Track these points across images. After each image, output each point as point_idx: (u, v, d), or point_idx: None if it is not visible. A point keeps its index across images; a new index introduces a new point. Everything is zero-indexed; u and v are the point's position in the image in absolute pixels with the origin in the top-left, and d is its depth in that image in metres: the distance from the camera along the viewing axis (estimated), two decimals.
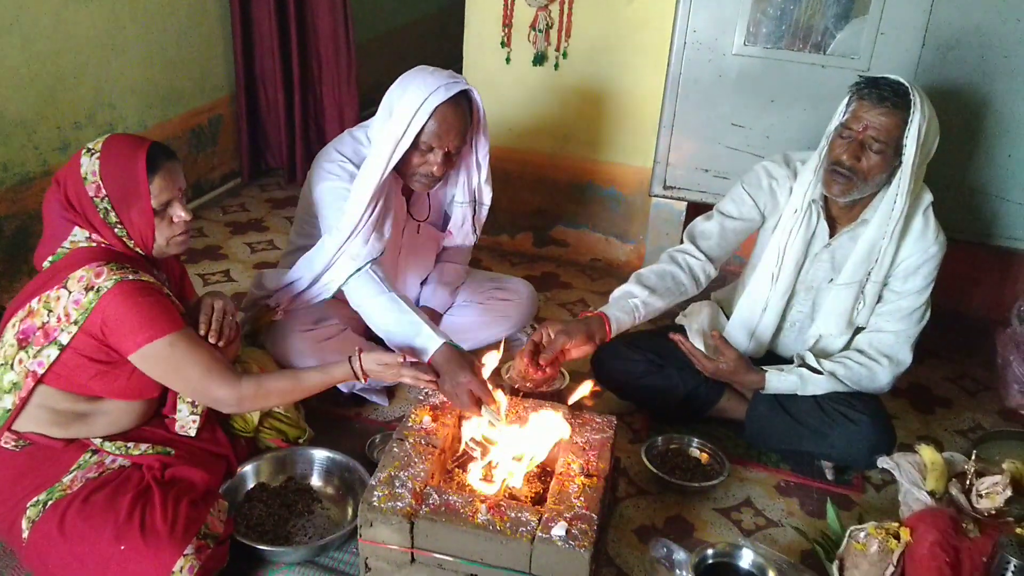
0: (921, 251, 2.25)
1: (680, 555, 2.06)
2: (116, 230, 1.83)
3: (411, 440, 2.04)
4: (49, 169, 3.04)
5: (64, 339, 1.77)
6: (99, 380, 1.84)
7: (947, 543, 1.75)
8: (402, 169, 2.30)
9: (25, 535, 1.77)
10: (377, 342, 2.45)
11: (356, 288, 2.28)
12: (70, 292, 1.77)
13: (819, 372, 2.32)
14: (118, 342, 1.78)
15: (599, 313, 2.23)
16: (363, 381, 2.03)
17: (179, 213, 1.87)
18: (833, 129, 2.21)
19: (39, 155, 3.01)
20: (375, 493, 1.86)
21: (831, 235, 2.32)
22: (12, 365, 1.82)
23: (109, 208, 1.81)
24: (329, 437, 2.34)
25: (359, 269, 2.28)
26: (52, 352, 1.78)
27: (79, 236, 1.83)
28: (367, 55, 4.66)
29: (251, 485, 2.14)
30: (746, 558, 1.78)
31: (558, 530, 1.77)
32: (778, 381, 2.33)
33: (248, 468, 2.14)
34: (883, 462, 2.13)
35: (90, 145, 1.84)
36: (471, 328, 2.67)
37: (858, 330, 2.38)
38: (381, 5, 5.15)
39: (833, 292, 2.34)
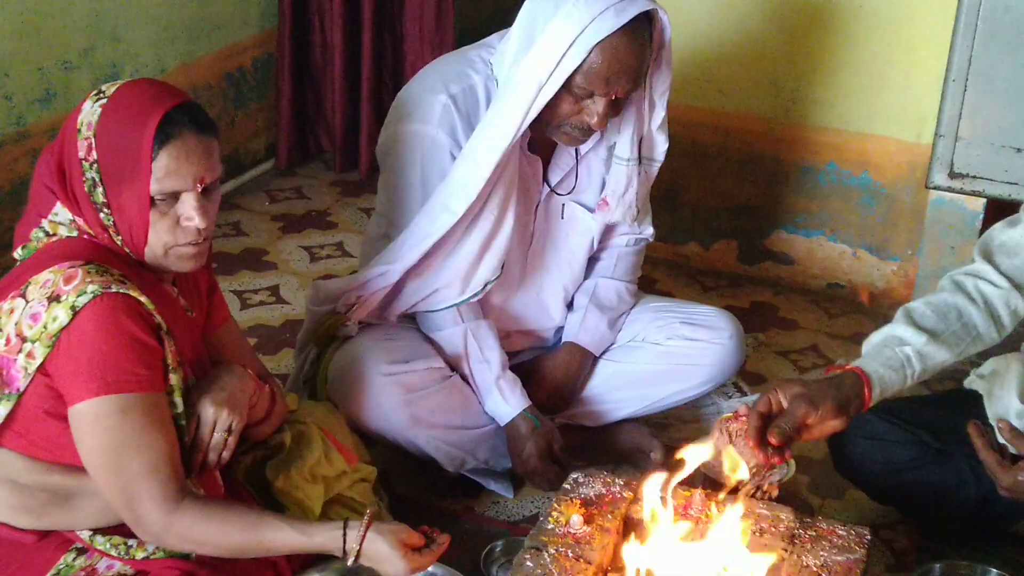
0: None
1: None
2: (102, 215, 1.87)
3: (552, 550, 2.06)
4: (27, 130, 3.21)
5: (20, 381, 1.81)
6: (71, 440, 1.85)
7: None
8: (542, 118, 2.37)
9: None
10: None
11: None
12: (27, 302, 1.80)
13: None
14: (64, 383, 1.80)
15: (854, 369, 2.21)
16: (349, 562, 1.98)
17: (189, 212, 1.86)
18: None
19: (11, 109, 3.16)
20: None
21: None
22: None
23: (97, 180, 1.85)
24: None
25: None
26: (5, 404, 1.82)
27: (61, 217, 1.89)
28: None
29: None
30: None
31: None
32: None
33: None
34: None
35: (104, 87, 1.90)
36: (642, 382, 2.70)
37: None
38: None
39: None
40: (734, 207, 3.61)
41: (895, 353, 2.23)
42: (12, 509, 1.90)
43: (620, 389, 2.71)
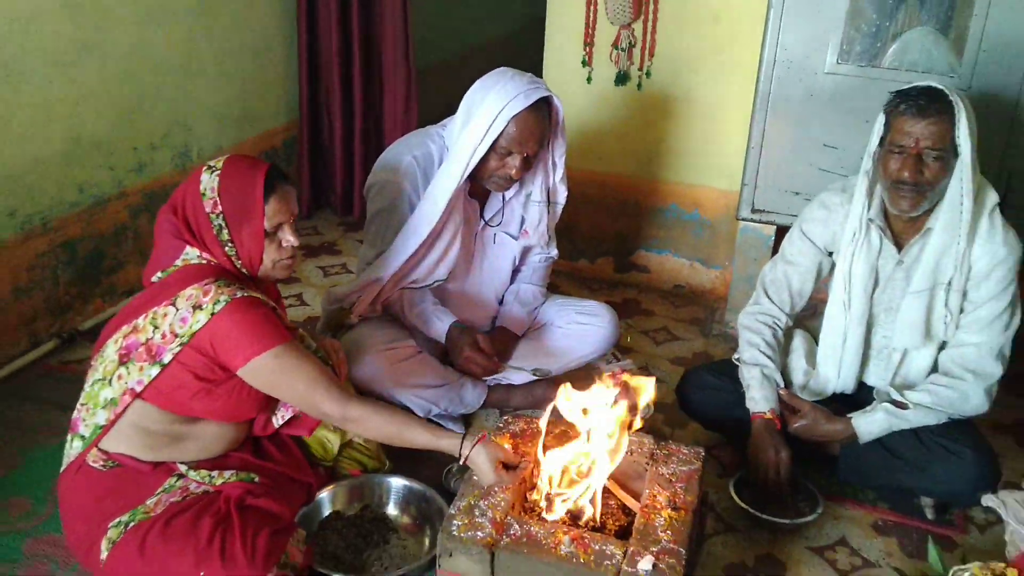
0: (990, 254, 2.23)
1: None
2: (227, 248, 1.95)
3: None
4: (124, 191, 3.20)
5: (167, 358, 1.88)
6: (200, 399, 1.93)
7: None
8: (477, 172, 2.43)
9: (103, 556, 1.85)
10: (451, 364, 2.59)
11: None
12: (178, 310, 1.88)
13: (905, 405, 2.30)
14: (227, 358, 1.88)
15: (773, 417, 2.36)
16: (460, 462, 2.05)
17: (288, 238, 1.98)
18: (876, 148, 2.24)
19: (114, 176, 3.16)
20: (455, 522, 1.92)
21: (899, 252, 2.32)
22: (111, 381, 1.92)
23: (223, 225, 1.93)
24: (404, 465, 2.39)
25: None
26: (153, 370, 1.88)
27: (191, 255, 1.95)
28: (438, 76, 4.78)
29: (327, 513, 2.21)
30: None
31: (644, 564, 1.80)
32: (868, 425, 2.31)
33: (324, 495, 2.21)
34: (988, 500, 2.11)
35: (211, 163, 1.97)
36: (550, 352, 2.72)
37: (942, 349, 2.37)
38: (452, 25, 5.29)
39: (905, 302, 2.32)
40: (610, 235, 3.66)
41: (772, 384, 2.41)
42: (141, 447, 1.96)
43: (535, 357, 2.73)
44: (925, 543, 2.27)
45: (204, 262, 1.94)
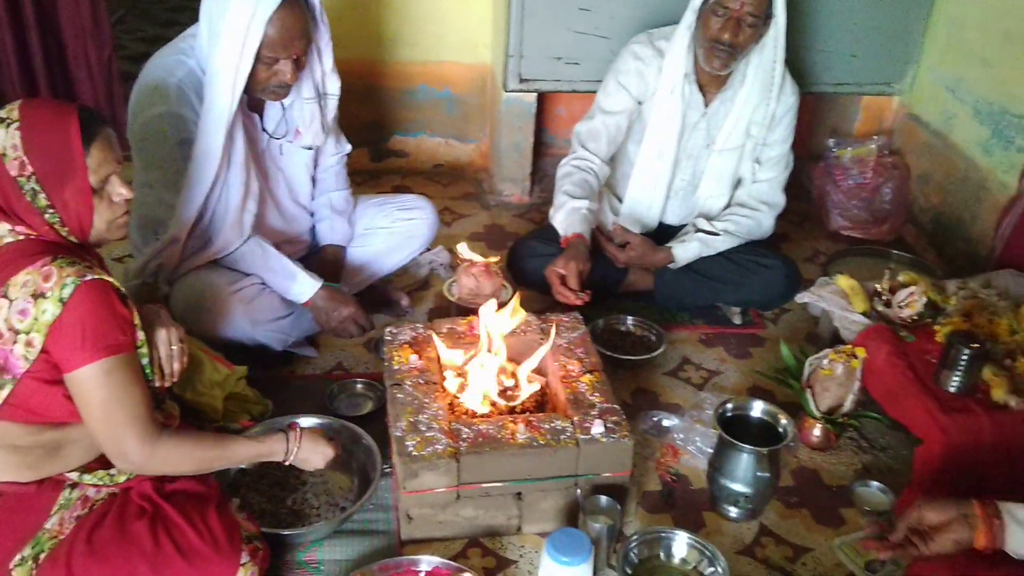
0: (784, 104, 2.55)
1: (669, 421, 2.28)
2: (47, 216, 1.56)
3: (408, 383, 2.01)
4: None
5: (20, 366, 1.52)
6: (64, 403, 1.58)
7: (898, 351, 2.11)
8: (248, 86, 2.14)
9: None
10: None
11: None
12: (11, 301, 1.50)
13: (716, 233, 2.59)
14: (62, 356, 1.53)
15: (578, 235, 2.39)
16: (288, 461, 1.82)
17: (119, 190, 1.61)
18: (701, 5, 2.39)
19: None
20: (407, 443, 1.84)
21: (705, 105, 2.54)
22: None
23: (38, 189, 1.53)
24: (279, 402, 2.23)
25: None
26: (4, 389, 1.53)
27: (1, 231, 1.55)
28: None
29: (232, 475, 2.00)
30: (757, 408, 2.02)
31: (597, 428, 1.89)
32: (684, 252, 2.58)
33: None
34: (805, 297, 2.47)
35: (1, 113, 1.53)
36: (383, 254, 2.61)
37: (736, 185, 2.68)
38: None
39: (714, 157, 2.59)
40: (362, 124, 3.45)
41: (582, 215, 2.38)
42: (16, 468, 1.61)
43: (368, 262, 2.60)
44: (745, 345, 2.62)
45: (22, 237, 1.56)
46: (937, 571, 1.51)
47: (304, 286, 2.31)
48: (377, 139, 3.53)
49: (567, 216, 2.43)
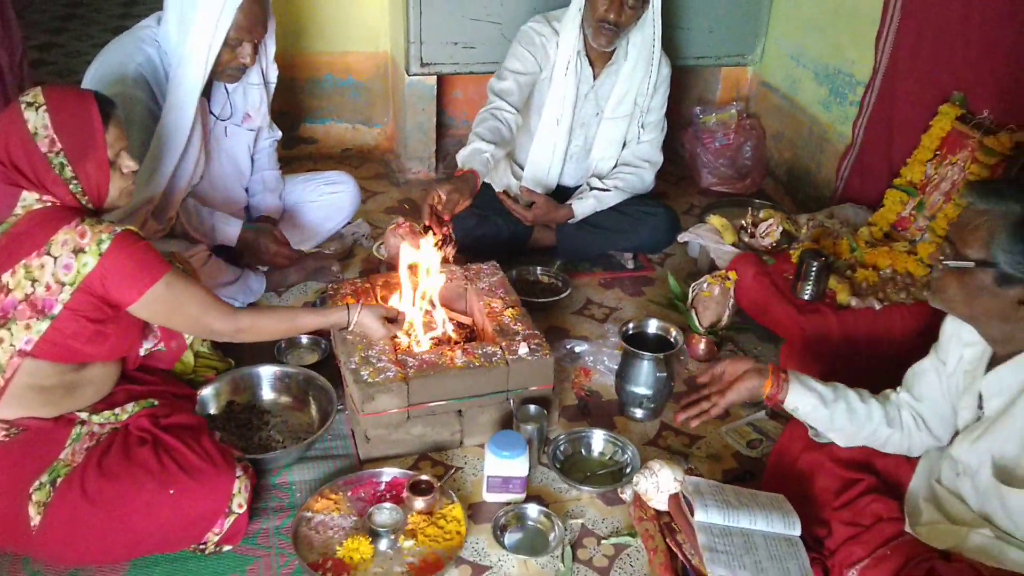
0: (661, 75, 2.95)
1: (580, 347, 2.62)
2: (71, 186, 1.80)
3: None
4: None
5: (56, 309, 1.74)
6: (93, 342, 1.82)
7: (762, 272, 2.53)
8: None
9: (35, 523, 1.74)
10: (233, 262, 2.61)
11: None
12: (55, 258, 1.73)
13: (607, 190, 2.96)
14: (119, 294, 1.79)
15: (470, 170, 2.54)
16: (350, 328, 2.13)
17: (128, 163, 1.89)
18: None
19: None
20: (362, 373, 2.11)
21: (594, 78, 2.90)
22: None
23: (65, 163, 1.78)
24: (231, 358, 2.42)
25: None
26: (43, 325, 1.74)
27: (29, 200, 1.78)
28: None
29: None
30: (653, 326, 2.39)
31: (523, 349, 2.21)
32: (582, 208, 2.94)
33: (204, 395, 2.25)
34: (685, 237, 2.87)
35: (27, 99, 1.76)
36: (313, 224, 2.86)
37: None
38: None
39: (604, 124, 2.95)
40: (273, 114, 3.51)
41: (482, 158, 2.60)
42: (40, 405, 1.84)
43: (300, 231, 2.84)
44: (638, 285, 3.00)
45: (48, 204, 1.79)
46: (852, 549, 1.65)
47: (229, 228, 2.58)
48: (287, 127, 3.65)
49: (470, 155, 2.59)
